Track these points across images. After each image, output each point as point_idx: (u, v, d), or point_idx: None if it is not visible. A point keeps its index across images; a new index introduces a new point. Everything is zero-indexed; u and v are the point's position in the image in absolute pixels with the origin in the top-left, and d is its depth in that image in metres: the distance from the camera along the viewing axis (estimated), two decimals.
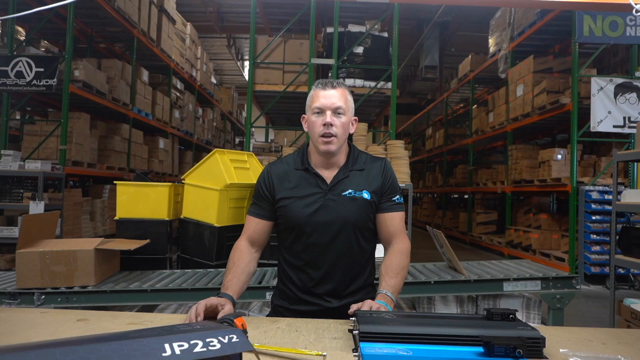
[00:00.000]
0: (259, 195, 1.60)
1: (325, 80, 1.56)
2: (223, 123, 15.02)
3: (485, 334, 1.01)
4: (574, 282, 2.41)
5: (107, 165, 7.52)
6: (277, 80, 6.78)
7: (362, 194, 1.53)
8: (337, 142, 1.50)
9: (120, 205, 3.02)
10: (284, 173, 1.57)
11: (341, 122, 1.51)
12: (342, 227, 1.50)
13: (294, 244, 1.54)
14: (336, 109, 1.50)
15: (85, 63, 6.56)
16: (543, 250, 7.86)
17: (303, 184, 1.54)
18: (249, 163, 3.16)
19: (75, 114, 6.79)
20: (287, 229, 1.55)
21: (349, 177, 1.55)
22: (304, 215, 1.50)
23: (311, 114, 1.53)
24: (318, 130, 1.50)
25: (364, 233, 1.55)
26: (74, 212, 6.63)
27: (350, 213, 1.51)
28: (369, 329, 1.04)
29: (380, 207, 1.57)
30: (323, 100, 1.50)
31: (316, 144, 1.53)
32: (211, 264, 2.94)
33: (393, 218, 1.57)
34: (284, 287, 1.59)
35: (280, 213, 1.55)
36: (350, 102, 1.56)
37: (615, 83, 6.88)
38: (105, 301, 2.33)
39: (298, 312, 1.53)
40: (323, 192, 1.52)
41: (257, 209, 1.59)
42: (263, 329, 1.20)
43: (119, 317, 1.27)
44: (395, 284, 1.47)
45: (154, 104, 9.09)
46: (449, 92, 12.80)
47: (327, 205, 1.50)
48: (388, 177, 1.58)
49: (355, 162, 1.58)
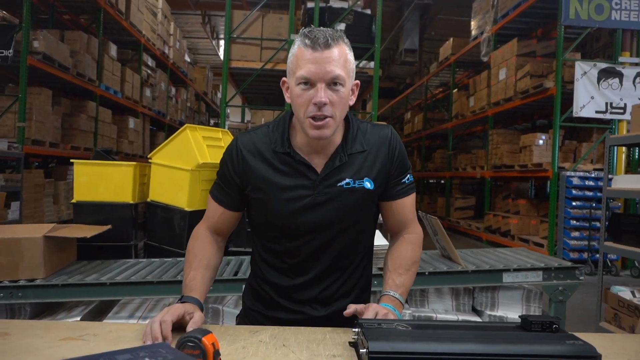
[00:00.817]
0: (224, 177, 1.21)
1: (316, 31, 1.06)
2: (197, 104, 14.52)
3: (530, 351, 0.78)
4: (577, 273, 2.23)
5: (71, 145, 7.05)
6: (254, 57, 6.42)
7: (363, 183, 1.15)
8: (333, 124, 1.09)
9: (79, 187, 2.70)
10: (259, 153, 1.16)
11: (339, 97, 1.07)
12: (338, 228, 1.16)
13: (273, 243, 1.20)
14: (333, 79, 1.05)
15: (45, 34, 6.06)
16: (522, 235, 7.83)
17: (285, 172, 1.15)
18: (223, 141, 2.87)
19: (35, 89, 6.29)
20: (264, 224, 1.20)
21: (347, 162, 1.15)
22: (287, 213, 1.14)
23: (295, 84, 1.08)
24: (306, 108, 1.07)
25: (364, 231, 1.23)
26: (35, 195, 6.19)
27: (349, 210, 1.15)
28: (381, 347, 0.80)
29: (388, 193, 1.21)
30: (313, 67, 1.04)
31: (303, 125, 1.10)
32: (181, 252, 2.65)
33: (404, 205, 1.23)
34: (258, 287, 1.25)
35: (254, 204, 1.19)
36: (351, 63, 1.11)
37: (599, 68, 6.80)
38: (57, 296, 2.03)
39: (276, 320, 1.21)
40: (312, 183, 1.13)
41: (222, 193, 1.22)
42: (241, 343, 0.94)
43: (52, 329, 0.99)
44: (405, 282, 1.18)
45: (123, 81, 8.59)
46: (429, 75, 12.63)
47: (317, 201, 1.13)
48: (396, 154, 1.20)
49: (354, 140, 1.17)
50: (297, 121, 1.14)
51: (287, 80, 1.14)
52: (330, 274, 1.20)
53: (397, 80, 17.08)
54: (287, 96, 1.15)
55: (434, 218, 2.31)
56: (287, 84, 1.14)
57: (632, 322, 3.46)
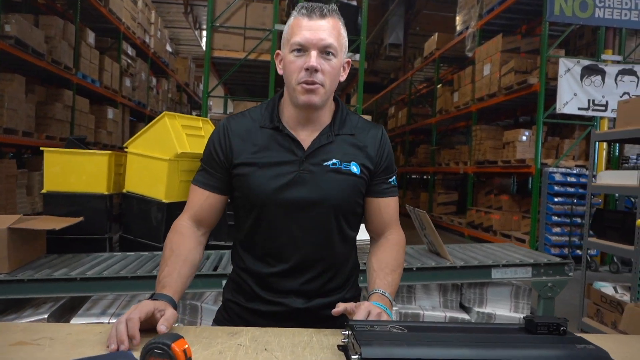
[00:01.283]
0: (210, 158, 1.17)
1: (312, 4, 1.11)
2: (179, 95, 14.25)
3: (539, 357, 0.71)
4: (566, 269, 2.19)
5: (46, 134, 6.80)
6: (237, 47, 6.26)
7: (349, 166, 1.14)
8: (322, 92, 1.09)
9: (49, 177, 2.56)
10: (246, 131, 1.15)
11: (330, 67, 1.09)
12: (320, 209, 1.12)
13: (254, 227, 1.15)
14: (325, 47, 1.07)
15: (18, 17, 5.80)
16: (504, 231, 7.87)
17: (271, 147, 1.13)
18: (204, 130, 2.75)
19: (7, 76, 6.03)
20: (245, 206, 1.15)
21: (334, 143, 1.14)
22: (269, 189, 1.10)
23: (289, 52, 1.09)
24: (298, 75, 1.08)
25: (348, 218, 1.17)
26: (7, 186, 5.95)
27: (333, 191, 1.12)
28: (375, 354, 0.71)
29: (374, 189, 1.20)
30: (307, 33, 1.07)
31: (293, 93, 1.11)
32: (158, 246, 2.54)
33: (388, 205, 1.21)
34: (238, 279, 1.20)
35: (238, 184, 1.15)
36: (344, 38, 1.13)
37: (582, 65, 6.83)
38: (22, 292, 1.90)
39: (255, 312, 1.16)
40: (298, 160, 1.12)
41: (207, 177, 1.17)
42: (218, 347, 0.85)
43: (4, 332, 0.87)
44: (393, 282, 1.13)
45: (101, 69, 8.33)
46: (414, 70, 12.61)
47: (301, 178, 1.11)
48: (386, 152, 1.20)
49: (343, 124, 1.18)
50: (288, 92, 1.14)
51: (281, 51, 1.15)
52: (312, 265, 1.14)
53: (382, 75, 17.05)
54: (279, 68, 1.16)
55: (422, 212, 2.24)
56: (281, 56, 1.15)
57: (614, 318, 3.47)
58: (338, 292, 1.18)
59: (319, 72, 1.07)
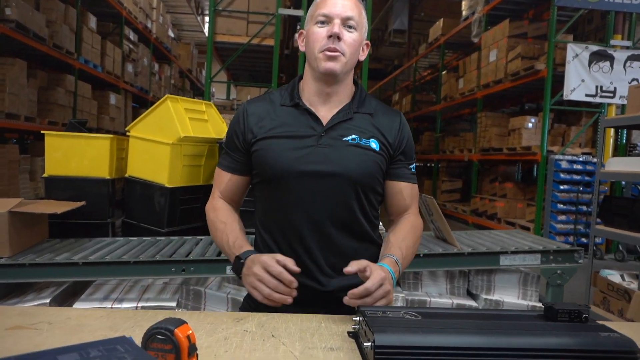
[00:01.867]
0: (232, 141, 1.21)
1: None
2: (182, 81, 14.15)
3: (561, 345, 0.67)
4: (575, 256, 2.15)
5: (48, 119, 6.77)
6: (240, 31, 6.17)
7: (369, 142, 1.14)
8: (343, 61, 1.12)
9: (51, 161, 2.52)
10: (265, 111, 1.18)
11: (352, 39, 1.12)
12: (341, 181, 1.11)
13: (272, 205, 1.15)
14: (347, 19, 1.12)
15: (19, 1, 5.73)
16: (508, 219, 7.83)
17: (290, 123, 1.15)
18: (207, 114, 2.70)
19: (8, 60, 5.97)
20: (264, 181, 1.16)
21: (354, 119, 1.16)
22: (288, 161, 1.11)
23: (313, 24, 1.14)
24: (320, 44, 1.11)
25: (368, 195, 1.16)
26: (10, 171, 5.94)
27: (353, 164, 1.11)
28: (389, 341, 0.67)
29: (396, 172, 1.19)
30: (331, 6, 1.12)
31: (315, 63, 1.13)
32: (161, 231, 2.51)
33: (409, 188, 1.21)
34: None
35: (256, 158, 1.16)
36: (364, 18, 1.18)
37: (590, 50, 6.72)
38: (24, 277, 1.87)
39: None
40: (317, 134, 1.13)
41: (229, 160, 1.22)
42: (223, 333, 0.81)
43: (1, 315, 0.84)
44: (406, 256, 1.12)
45: (103, 54, 8.25)
46: (418, 57, 12.46)
47: (320, 151, 1.11)
48: (406, 137, 1.21)
49: (362, 103, 1.20)
50: (309, 65, 1.17)
51: (304, 30, 1.20)
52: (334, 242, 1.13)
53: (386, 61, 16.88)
54: (301, 46, 1.22)
55: (430, 197, 2.20)
56: (304, 34, 1.20)
57: (621, 306, 3.44)
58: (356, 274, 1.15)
59: (341, 40, 1.11)
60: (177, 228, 2.57)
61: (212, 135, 2.65)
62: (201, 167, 2.64)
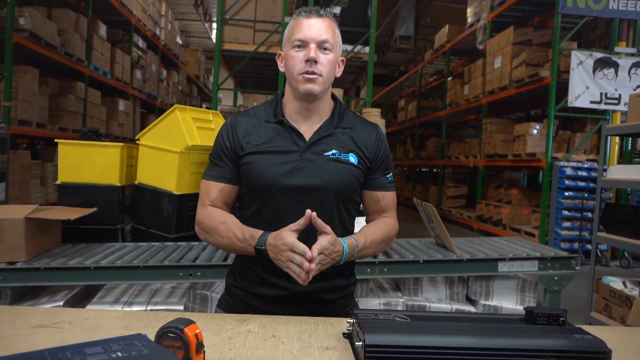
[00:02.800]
0: (220, 152, 1.26)
1: (310, 7, 1.24)
2: (189, 87, 14.30)
3: (538, 346, 0.73)
4: (572, 263, 2.20)
5: (59, 126, 6.90)
6: (247, 40, 6.28)
7: (348, 157, 1.23)
8: (321, 82, 1.19)
9: (63, 168, 2.61)
10: (252, 126, 1.25)
11: (328, 60, 1.20)
12: (321, 194, 1.20)
13: (258, 213, 1.22)
14: (322, 42, 1.19)
15: (32, 11, 5.87)
16: (513, 225, 7.84)
17: (275, 139, 1.23)
18: (214, 123, 2.78)
19: (21, 68, 6.11)
20: (251, 192, 1.24)
21: (334, 135, 1.24)
22: (273, 175, 1.19)
23: (290, 48, 1.21)
24: (298, 67, 1.19)
25: (347, 205, 1.25)
26: (22, 177, 6.06)
27: (333, 178, 1.20)
28: (378, 341, 0.74)
29: (372, 182, 1.29)
30: (307, 30, 1.19)
31: (295, 85, 1.21)
32: (169, 237, 2.59)
33: (386, 197, 1.30)
34: (242, 266, 1.27)
35: (245, 172, 1.23)
36: (338, 37, 1.25)
37: (595, 57, 6.74)
38: (39, 280, 1.95)
39: (259, 296, 1.22)
40: (300, 150, 1.21)
41: (218, 170, 1.25)
42: (227, 333, 0.88)
43: (24, 315, 0.92)
44: (368, 246, 1.20)
45: (113, 62, 8.40)
46: (424, 63, 12.52)
47: (303, 166, 1.20)
48: (382, 149, 1.30)
49: (341, 118, 1.28)
50: (290, 85, 1.25)
51: (282, 51, 1.27)
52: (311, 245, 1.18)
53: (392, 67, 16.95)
54: (281, 67, 1.28)
55: (429, 205, 2.26)
56: (282, 56, 1.27)
57: (623, 312, 3.46)
58: (336, 278, 1.25)
59: (317, 63, 1.18)
60: (184, 234, 2.65)
61: None
62: None
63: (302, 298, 1.20)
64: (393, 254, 2.19)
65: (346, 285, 1.28)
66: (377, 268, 2.07)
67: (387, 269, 2.09)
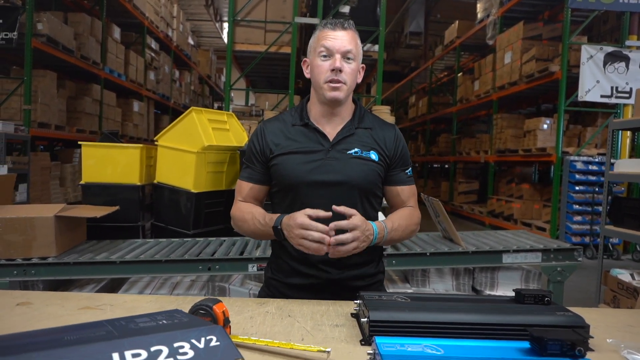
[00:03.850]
0: (251, 155, 1.40)
1: (335, 19, 1.35)
2: (201, 87, 14.49)
3: (523, 321, 0.83)
4: (575, 254, 2.28)
5: (77, 127, 7.10)
6: (258, 40, 6.39)
7: (369, 154, 1.34)
8: (345, 89, 1.32)
9: (87, 169, 2.75)
10: (280, 130, 1.38)
11: (351, 69, 1.32)
12: (346, 189, 1.31)
13: (289, 208, 1.32)
14: (346, 52, 1.31)
15: (49, 16, 6.06)
16: (524, 220, 7.86)
17: (301, 140, 1.35)
18: (228, 124, 2.90)
19: (40, 72, 6.31)
20: (281, 190, 1.36)
21: (355, 134, 1.36)
22: (301, 172, 1.31)
23: (316, 57, 1.33)
24: (324, 75, 1.31)
25: (369, 198, 1.37)
26: (42, 178, 6.26)
27: (356, 174, 1.32)
28: (381, 317, 0.85)
29: (392, 178, 1.40)
30: (332, 41, 1.30)
31: (321, 91, 1.33)
32: (188, 233, 2.72)
33: (407, 190, 1.41)
34: (277, 259, 1.41)
35: (274, 172, 1.35)
36: (360, 47, 1.37)
37: (605, 51, 6.73)
38: (69, 274, 2.09)
39: (294, 286, 1.35)
40: (325, 149, 1.33)
41: (249, 172, 1.40)
42: (249, 313, 1.00)
43: (71, 299, 1.05)
44: (396, 228, 1.30)
45: (127, 64, 8.59)
46: (434, 59, 12.52)
47: (329, 163, 1.32)
48: (401, 147, 1.40)
49: (362, 119, 1.40)
50: (315, 91, 1.36)
51: (308, 59, 1.39)
52: None
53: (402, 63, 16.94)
54: (306, 72, 1.40)
55: (436, 200, 2.35)
56: (308, 62, 1.39)
57: (631, 304, 3.51)
58: (364, 266, 1.36)
59: (342, 72, 1.29)
60: (202, 230, 2.77)
61: (234, 144, 2.85)
62: (223, 173, 2.84)
63: (333, 286, 1.31)
64: (401, 247, 2.29)
65: (375, 273, 1.39)
66: (386, 260, 2.17)
67: (395, 261, 2.19)
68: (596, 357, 0.84)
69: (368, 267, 1.37)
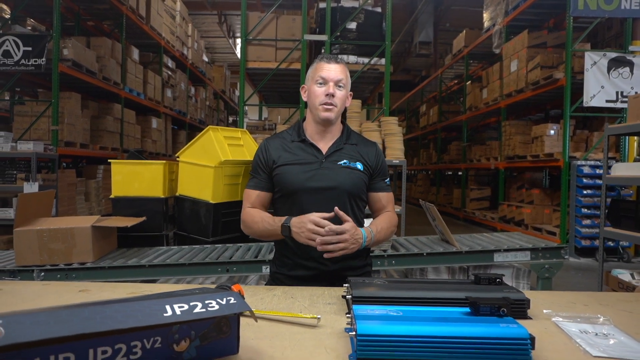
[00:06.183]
0: (257, 166, 1.67)
1: (330, 55, 1.67)
2: (216, 102, 14.90)
3: (472, 295, 1.06)
4: (562, 252, 2.47)
5: (100, 145, 7.48)
6: (269, 57, 6.72)
7: (356, 164, 1.63)
8: (336, 111, 1.60)
9: (116, 184, 3.03)
10: (280, 145, 1.66)
11: (341, 94, 1.61)
12: (337, 193, 1.58)
13: (289, 212, 1.58)
14: (338, 81, 1.60)
15: (73, 41, 6.46)
16: (535, 224, 7.97)
17: (299, 154, 1.63)
18: (242, 140, 3.17)
19: (65, 94, 6.71)
20: (283, 196, 1.62)
21: (344, 149, 1.65)
22: (299, 180, 1.57)
23: (313, 84, 1.62)
24: (320, 99, 1.59)
25: (357, 201, 1.64)
26: (69, 193, 6.62)
27: (345, 181, 1.59)
28: (361, 294, 1.08)
29: (374, 186, 1.68)
30: (327, 72, 1.60)
31: (316, 112, 1.61)
32: (207, 240, 2.98)
33: (385, 197, 1.69)
34: (281, 256, 1.66)
35: (278, 180, 1.62)
36: (349, 78, 1.66)
37: (608, 57, 6.87)
38: (104, 277, 2.36)
39: (296, 277, 1.60)
40: (319, 161, 1.61)
41: (256, 181, 1.66)
42: (259, 296, 1.24)
43: (120, 287, 1.31)
44: (379, 231, 1.57)
45: (145, 82, 8.99)
46: (443, 68, 12.73)
47: (322, 172, 1.59)
48: (380, 160, 1.70)
49: (349, 136, 1.69)
50: (311, 112, 1.65)
51: (306, 85, 1.68)
52: None
53: (413, 72, 17.18)
54: (304, 96, 1.69)
55: (431, 205, 2.57)
56: (306, 89, 1.68)
57: None
58: (354, 259, 1.63)
59: (334, 97, 1.59)
60: (220, 237, 3.03)
61: (248, 158, 3.11)
62: (239, 185, 3.10)
63: (329, 276, 1.57)
64: (400, 248, 2.51)
65: (363, 265, 1.67)
66: (387, 260, 2.40)
67: (394, 261, 2.42)
68: (531, 323, 1.06)
69: (357, 260, 1.64)
